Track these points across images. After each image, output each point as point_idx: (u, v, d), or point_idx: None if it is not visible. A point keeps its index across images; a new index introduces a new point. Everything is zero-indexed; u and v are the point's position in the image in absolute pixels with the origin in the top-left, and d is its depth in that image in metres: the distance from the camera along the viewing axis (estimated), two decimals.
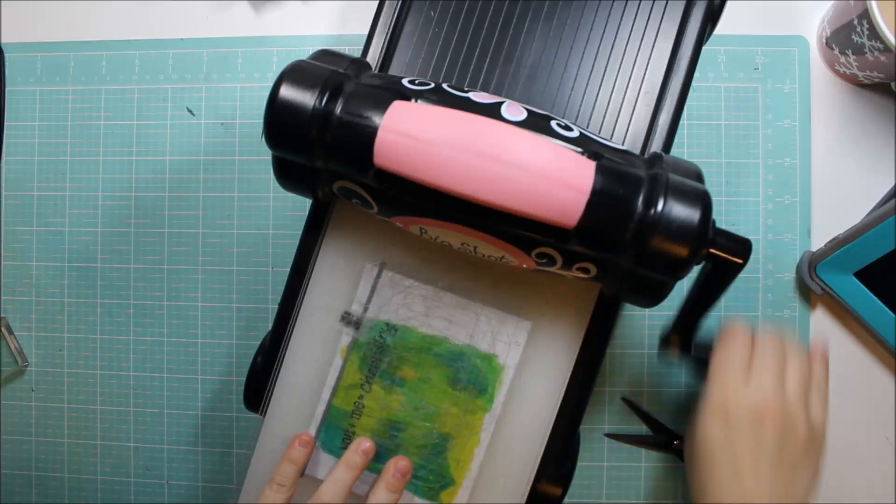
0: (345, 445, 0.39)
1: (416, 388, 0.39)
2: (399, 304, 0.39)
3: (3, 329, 0.57)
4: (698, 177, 0.33)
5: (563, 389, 0.38)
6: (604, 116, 0.38)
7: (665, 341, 0.41)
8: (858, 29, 0.46)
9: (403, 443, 0.39)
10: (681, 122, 0.39)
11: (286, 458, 0.39)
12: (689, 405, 0.53)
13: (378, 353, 0.39)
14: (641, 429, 0.53)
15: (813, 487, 0.40)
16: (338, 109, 0.32)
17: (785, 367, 0.41)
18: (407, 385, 0.39)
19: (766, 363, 0.40)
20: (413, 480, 0.39)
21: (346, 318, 0.39)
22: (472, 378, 0.39)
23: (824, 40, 0.51)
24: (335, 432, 0.40)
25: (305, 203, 0.39)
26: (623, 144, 0.38)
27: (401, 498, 0.39)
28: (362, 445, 0.39)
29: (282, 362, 0.40)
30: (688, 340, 0.41)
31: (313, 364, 0.40)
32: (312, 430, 0.40)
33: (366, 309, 0.39)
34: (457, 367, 0.39)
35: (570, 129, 0.33)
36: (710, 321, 0.40)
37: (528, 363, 0.38)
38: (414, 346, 0.39)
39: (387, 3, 0.40)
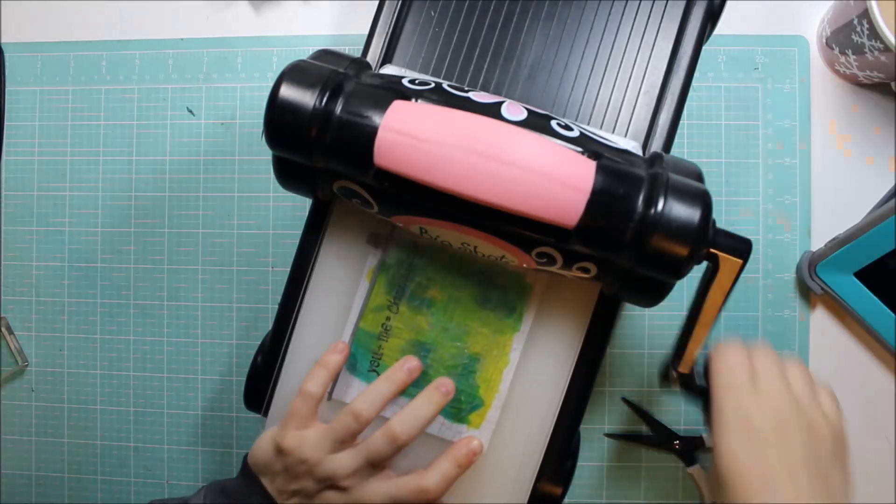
0: (373, 368, 0.39)
1: (444, 308, 0.38)
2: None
3: (3, 329, 0.57)
4: (698, 176, 0.33)
5: (564, 389, 0.38)
6: (604, 116, 0.38)
7: (665, 373, 0.39)
8: (858, 29, 0.46)
9: (433, 363, 0.39)
10: (681, 121, 0.39)
11: (320, 363, 0.38)
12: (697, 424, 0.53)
13: (406, 274, 0.38)
14: (641, 429, 0.53)
15: (849, 486, 0.37)
16: (338, 109, 0.32)
17: (785, 372, 0.39)
18: (435, 305, 0.38)
19: (769, 367, 0.38)
20: None
21: (374, 240, 0.38)
22: (500, 297, 0.38)
23: (824, 40, 0.51)
24: (363, 354, 0.39)
25: (306, 202, 0.39)
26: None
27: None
28: (409, 363, 0.38)
29: (286, 355, 0.40)
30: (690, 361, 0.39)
31: (339, 287, 0.39)
32: None
33: (393, 228, 0.38)
34: (485, 286, 0.38)
35: (571, 129, 0.33)
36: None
37: (529, 363, 0.38)
38: (443, 266, 0.38)
39: (387, 3, 0.40)
